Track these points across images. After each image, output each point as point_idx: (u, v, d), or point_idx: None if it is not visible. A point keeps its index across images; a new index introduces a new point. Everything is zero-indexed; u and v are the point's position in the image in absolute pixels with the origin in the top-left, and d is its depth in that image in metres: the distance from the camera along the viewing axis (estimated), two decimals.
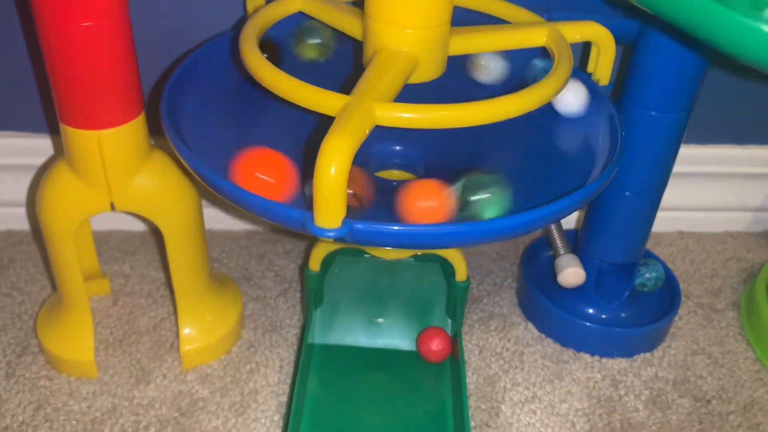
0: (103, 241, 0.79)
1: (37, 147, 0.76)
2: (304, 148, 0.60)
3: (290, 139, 0.59)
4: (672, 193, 0.80)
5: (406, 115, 0.44)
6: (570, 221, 0.84)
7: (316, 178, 0.41)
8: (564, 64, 0.50)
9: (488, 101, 0.45)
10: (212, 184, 0.47)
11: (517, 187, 0.56)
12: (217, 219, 0.81)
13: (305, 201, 0.49)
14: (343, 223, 0.42)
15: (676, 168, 0.79)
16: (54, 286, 0.73)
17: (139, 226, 0.81)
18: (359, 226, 0.43)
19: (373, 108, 0.44)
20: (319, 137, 0.41)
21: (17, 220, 0.80)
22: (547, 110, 0.58)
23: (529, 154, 0.58)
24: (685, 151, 0.79)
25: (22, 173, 0.77)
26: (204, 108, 0.57)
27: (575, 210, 0.48)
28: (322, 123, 0.43)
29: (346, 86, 0.58)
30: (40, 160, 0.77)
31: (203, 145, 0.54)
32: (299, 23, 0.60)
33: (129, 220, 0.81)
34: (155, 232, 0.81)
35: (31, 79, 0.72)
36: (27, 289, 0.73)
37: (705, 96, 0.76)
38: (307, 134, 0.61)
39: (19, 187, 0.78)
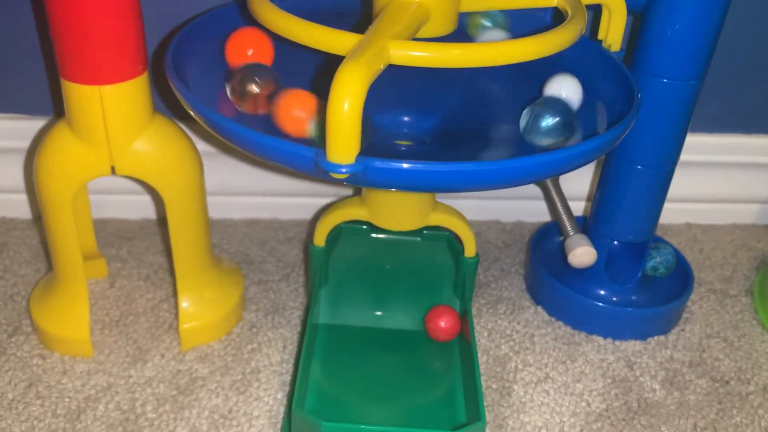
0: (100, 228, 0.77)
1: (37, 130, 0.74)
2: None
3: None
4: (678, 184, 0.79)
5: (420, 53, 0.43)
6: (578, 209, 0.83)
7: (329, 111, 0.39)
8: (579, 16, 0.50)
9: (505, 42, 0.44)
10: (216, 126, 0.46)
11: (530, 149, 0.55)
12: (216, 208, 0.80)
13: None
14: (358, 159, 0.41)
15: (683, 157, 0.78)
16: (49, 268, 0.71)
17: (137, 214, 0.79)
18: (376, 163, 0.41)
19: (387, 45, 0.42)
20: (329, 81, 0.39)
21: (11, 207, 0.78)
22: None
23: None
24: (692, 140, 0.78)
25: (16, 158, 0.75)
26: (208, 71, 0.56)
27: (592, 159, 0.46)
28: (332, 74, 0.41)
29: None
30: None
31: (207, 100, 0.52)
32: None
33: (126, 208, 0.79)
34: (153, 221, 0.79)
35: (36, 58, 0.70)
36: (20, 272, 0.70)
37: (712, 85, 0.75)
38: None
39: (12, 173, 0.76)
